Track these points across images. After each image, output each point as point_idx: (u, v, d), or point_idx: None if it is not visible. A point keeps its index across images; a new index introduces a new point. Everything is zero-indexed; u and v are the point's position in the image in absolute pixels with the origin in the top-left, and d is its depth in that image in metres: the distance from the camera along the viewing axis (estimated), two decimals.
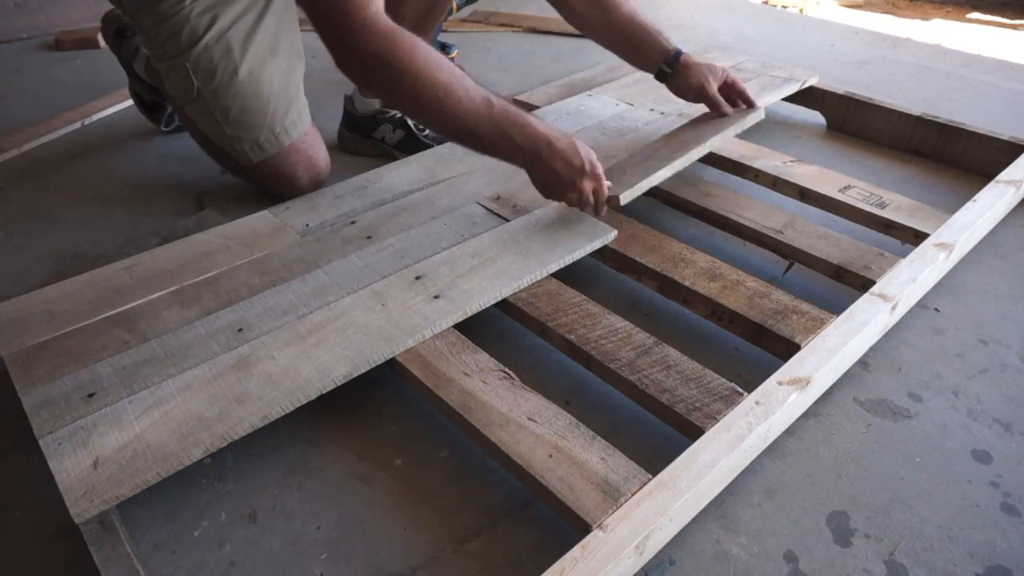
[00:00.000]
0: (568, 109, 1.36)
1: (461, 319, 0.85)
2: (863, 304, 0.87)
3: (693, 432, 0.71)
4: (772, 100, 1.42)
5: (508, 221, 1.01)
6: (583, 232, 0.98)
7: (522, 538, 0.68)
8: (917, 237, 1.02)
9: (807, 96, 1.50)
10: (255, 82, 1.09)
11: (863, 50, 2.02)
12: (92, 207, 1.24)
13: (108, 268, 0.93)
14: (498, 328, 0.93)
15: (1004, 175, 1.15)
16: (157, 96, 1.41)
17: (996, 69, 1.88)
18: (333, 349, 0.78)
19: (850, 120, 1.46)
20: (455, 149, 1.22)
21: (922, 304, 0.98)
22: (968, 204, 1.06)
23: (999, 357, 0.91)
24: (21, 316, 0.84)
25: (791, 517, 0.71)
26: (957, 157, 1.33)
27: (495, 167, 1.15)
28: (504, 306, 0.89)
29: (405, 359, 0.79)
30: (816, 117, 1.51)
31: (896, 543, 0.68)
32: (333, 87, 1.66)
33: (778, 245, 1.02)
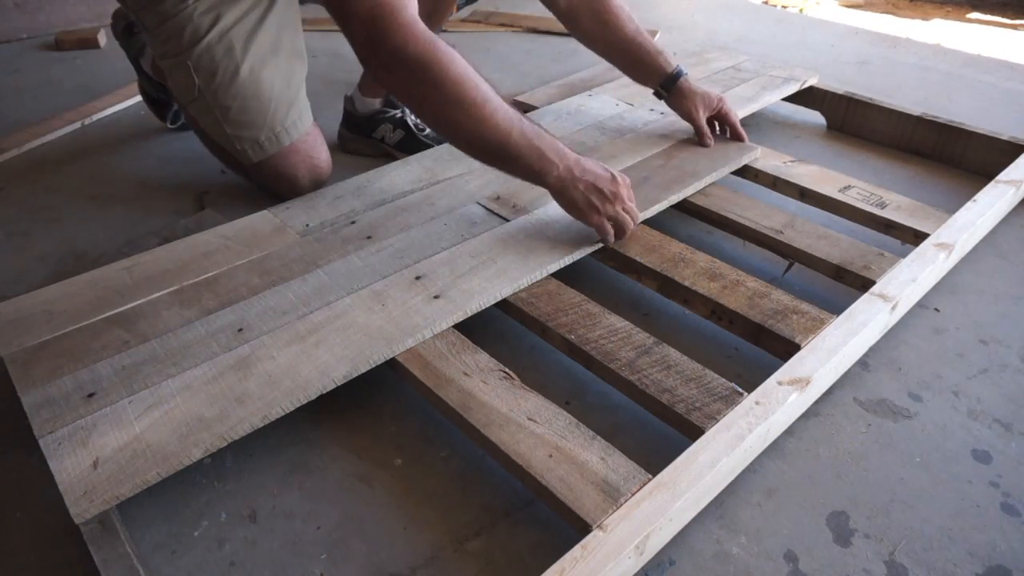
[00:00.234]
0: (568, 109, 1.36)
1: (461, 319, 0.85)
2: (863, 304, 0.87)
3: (693, 432, 0.71)
4: (772, 100, 1.42)
5: (508, 221, 1.01)
6: (583, 232, 0.98)
7: (522, 538, 0.68)
8: (917, 237, 1.02)
9: (807, 96, 1.50)
10: (256, 82, 1.09)
11: (863, 50, 2.02)
12: (92, 207, 1.24)
13: (108, 268, 0.93)
14: (498, 328, 0.93)
15: (1004, 175, 1.15)
16: (164, 93, 1.41)
17: (996, 69, 1.88)
18: (333, 349, 0.78)
19: (850, 120, 1.46)
20: (455, 149, 1.22)
21: (922, 304, 0.98)
22: (968, 204, 1.06)
23: (999, 357, 0.91)
24: (21, 316, 0.84)
25: (791, 517, 0.71)
26: (957, 157, 1.33)
27: None
28: (504, 306, 0.89)
29: (405, 359, 0.79)
30: (816, 117, 1.51)
31: (896, 543, 0.68)
32: (333, 87, 1.67)
33: (778, 245, 1.02)
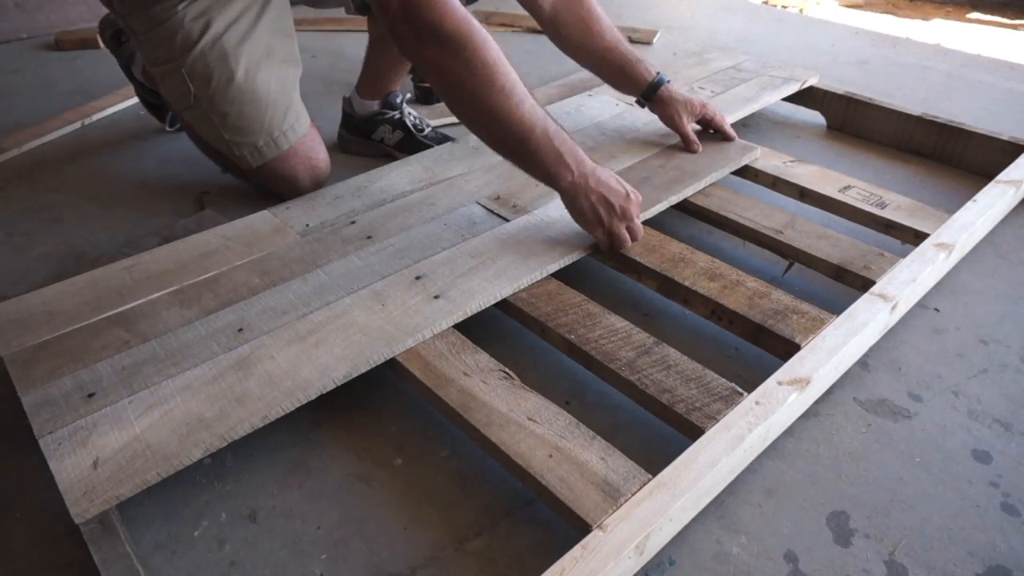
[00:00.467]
0: (568, 109, 1.36)
1: (461, 319, 0.85)
2: (863, 304, 0.87)
3: (693, 432, 0.71)
4: (772, 100, 1.42)
5: (508, 221, 1.01)
6: (583, 232, 0.98)
7: (522, 538, 0.68)
8: (917, 237, 1.02)
9: (807, 96, 1.50)
10: (252, 87, 1.08)
11: (863, 50, 2.02)
12: (92, 207, 1.24)
13: (108, 268, 0.93)
14: (498, 328, 0.93)
15: (1004, 175, 1.15)
16: (158, 98, 1.41)
17: (996, 69, 1.88)
18: (333, 349, 0.78)
19: (850, 120, 1.46)
20: (455, 149, 1.22)
21: (922, 304, 0.98)
22: (968, 204, 1.06)
23: (999, 357, 0.91)
24: (21, 316, 0.84)
25: (791, 517, 0.71)
26: (957, 157, 1.33)
27: (495, 167, 1.15)
28: (504, 306, 0.89)
29: (405, 359, 0.79)
30: (816, 117, 1.51)
31: (896, 543, 0.68)
32: (333, 88, 1.67)
33: (778, 245, 1.02)
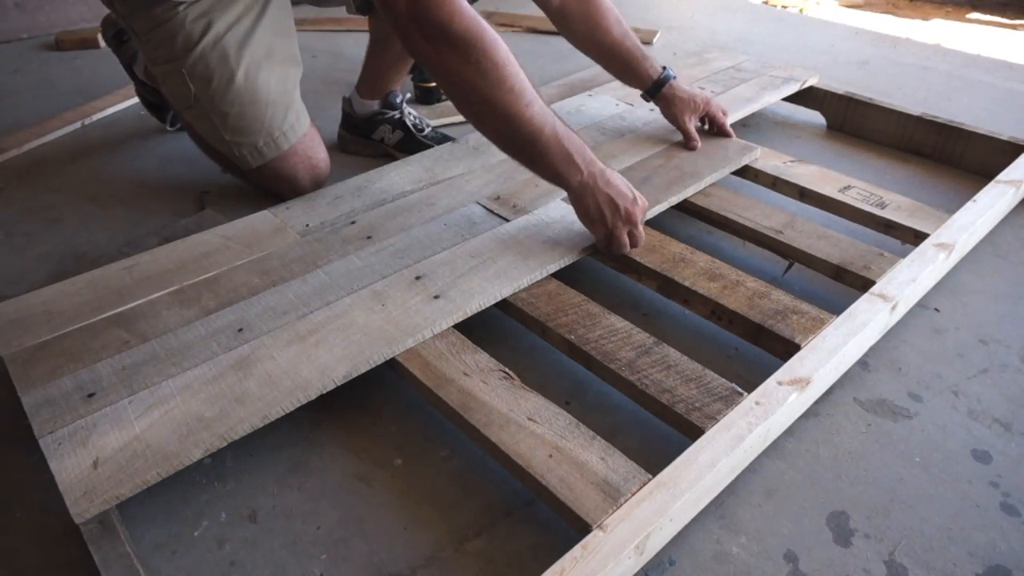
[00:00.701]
0: (568, 109, 1.36)
1: (461, 319, 0.85)
2: (863, 304, 0.87)
3: (693, 432, 0.71)
4: (772, 100, 1.42)
5: (508, 221, 1.01)
6: (583, 232, 0.98)
7: (522, 538, 0.68)
8: (917, 237, 1.02)
9: (807, 96, 1.50)
10: (252, 88, 1.09)
11: (863, 50, 2.03)
12: (92, 207, 1.24)
13: (108, 268, 0.93)
14: (498, 328, 0.93)
15: (1004, 175, 1.15)
16: (160, 97, 1.41)
17: (996, 69, 1.88)
18: (333, 349, 0.78)
19: (850, 120, 1.46)
20: (455, 149, 1.22)
21: (922, 304, 0.98)
22: (968, 204, 1.06)
23: (999, 357, 0.91)
24: (21, 316, 0.84)
25: (791, 517, 0.71)
26: (957, 157, 1.33)
27: (495, 167, 1.15)
28: (504, 306, 0.89)
29: (405, 359, 0.79)
30: (816, 117, 1.51)
31: (896, 543, 0.68)
32: (333, 88, 1.67)
33: (778, 245, 1.02)
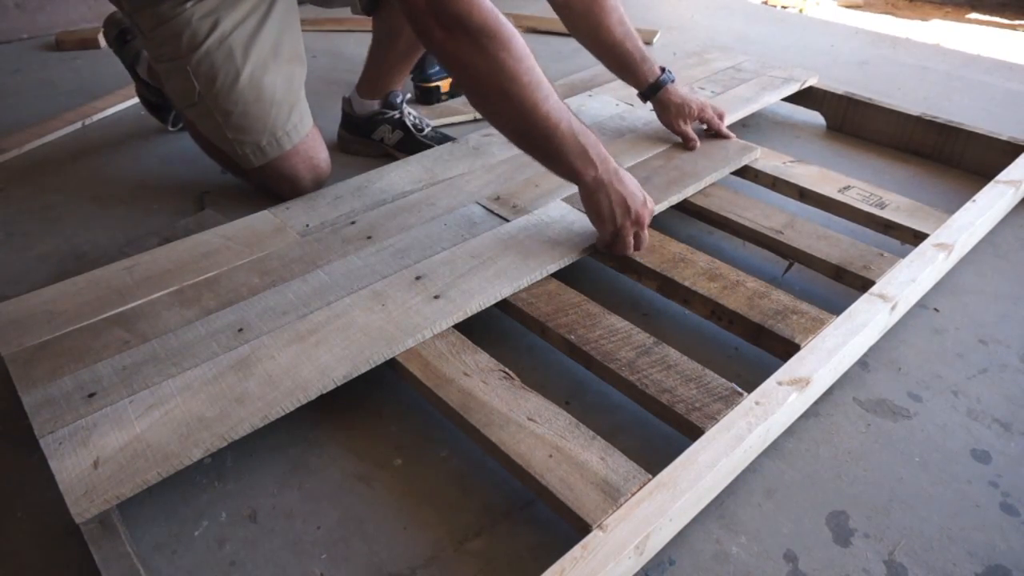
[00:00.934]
0: None
1: (461, 319, 0.85)
2: (863, 304, 0.87)
3: (693, 432, 0.71)
4: (772, 100, 1.42)
5: (508, 221, 1.01)
6: (583, 232, 0.98)
7: (522, 538, 0.69)
8: (917, 237, 1.02)
9: (807, 96, 1.50)
10: (257, 87, 1.09)
11: (863, 50, 2.03)
12: (92, 207, 1.24)
13: (108, 268, 0.93)
14: (498, 328, 0.93)
15: (1004, 175, 1.15)
16: (162, 98, 1.41)
17: (996, 69, 1.88)
18: (333, 349, 0.78)
19: (850, 120, 1.46)
20: (455, 149, 1.22)
21: (922, 304, 0.99)
22: (968, 204, 1.06)
23: (999, 357, 0.91)
24: (21, 316, 0.84)
25: (791, 517, 0.71)
26: (957, 157, 1.33)
27: (495, 167, 1.15)
28: (504, 306, 0.89)
29: (405, 359, 0.79)
30: (816, 117, 1.51)
31: (896, 543, 0.68)
32: (333, 88, 1.67)
33: (778, 245, 1.02)
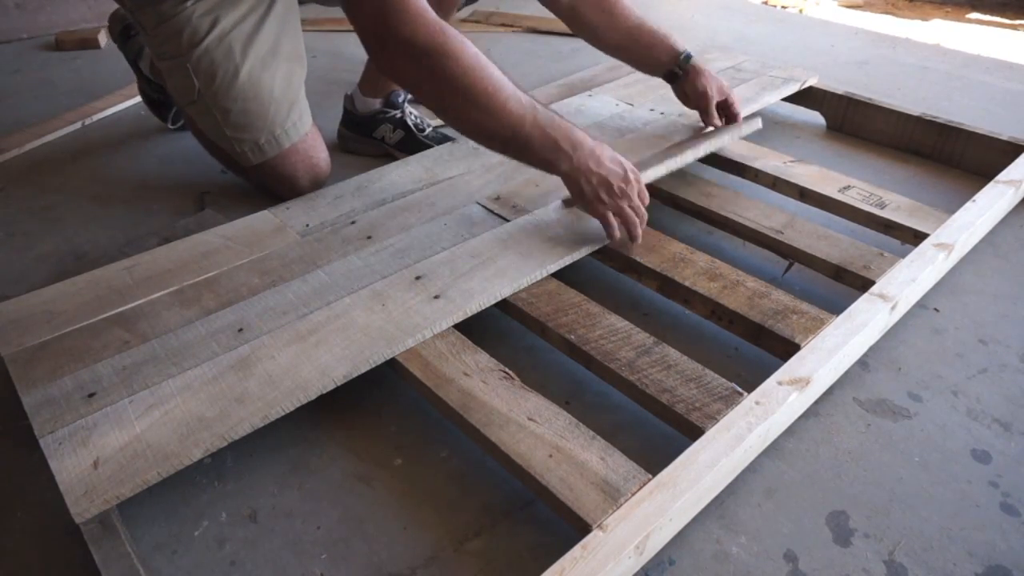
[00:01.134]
0: (568, 109, 1.36)
1: (461, 319, 0.85)
2: (863, 304, 0.87)
3: (693, 432, 0.71)
4: (772, 100, 1.42)
5: (508, 221, 1.01)
6: (583, 232, 0.98)
7: (522, 538, 0.69)
8: (917, 237, 1.02)
9: (807, 96, 1.50)
10: (256, 84, 1.09)
11: (863, 50, 2.03)
12: (92, 207, 1.24)
13: (108, 268, 0.93)
14: (498, 328, 0.93)
15: (1004, 175, 1.15)
16: (163, 95, 1.41)
17: (996, 69, 1.88)
18: (333, 349, 0.78)
19: (850, 120, 1.46)
20: (455, 149, 1.22)
21: (922, 304, 0.99)
22: (968, 204, 1.06)
23: (999, 357, 0.91)
24: (21, 316, 0.84)
25: (791, 517, 0.71)
26: (957, 157, 1.33)
27: (495, 167, 1.15)
28: (504, 306, 0.89)
29: (405, 359, 0.79)
30: (816, 117, 1.51)
31: (896, 543, 0.68)
32: (333, 87, 1.67)
33: (778, 245, 1.02)
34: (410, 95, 1.35)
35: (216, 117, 1.11)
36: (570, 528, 0.64)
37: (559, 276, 0.93)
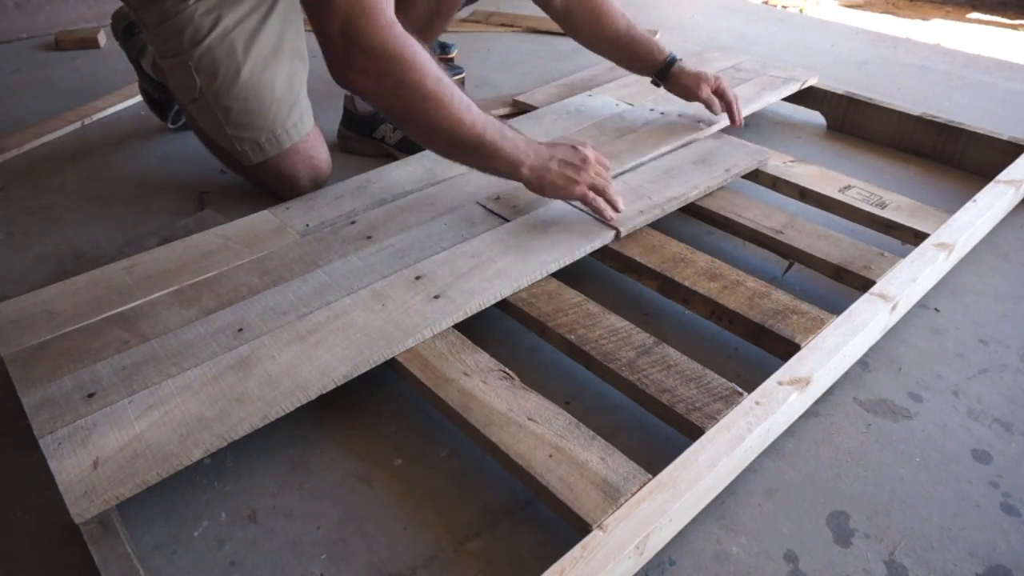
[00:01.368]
0: (568, 109, 1.36)
1: (461, 319, 0.85)
2: (863, 304, 0.87)
3: (693, 432, 0.71)
4: (772, 100, 1.42)
5: (508, 221, 1.01)
6: (583, 232, 0.98)
7: (522, 538, 0.68)
8: (917, 237, 1.02)
9: (807, 96, 1.50)
10: (257, 83, 1.09)
11: (863, 50, 2.02)
12: (92, 207, 1.24)
13: (108, 268, 0.93)
14: (498, 328, 0.93)
15: (1004, 175, 1.15)
16: (165, 94, 1.41)
17: (996, 69, 1.88)
18: (333, 349, 0.78)
19: (850, 120, 1.46)
20: None
21: (922, 304, 0.98)
22: (968, 204, 1.06)
23: (999, 357, 0.91)
24: (21, 316, 0.84)
25: (791, 517, 0.71)
26: (957, 157, 1.33)
27: None
28: (504, 306, 0.89)
29: (405, 359, 0.79)
30: (816, 117, 1.51)
31: (896, 543, 0.68)
32: (334, 87, 1.66)
33: (778, 245, 1.02)
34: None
35: (217, 116, 1.11)
36: (570, 528, 0.64)
37: (559, 276, 0.93)
